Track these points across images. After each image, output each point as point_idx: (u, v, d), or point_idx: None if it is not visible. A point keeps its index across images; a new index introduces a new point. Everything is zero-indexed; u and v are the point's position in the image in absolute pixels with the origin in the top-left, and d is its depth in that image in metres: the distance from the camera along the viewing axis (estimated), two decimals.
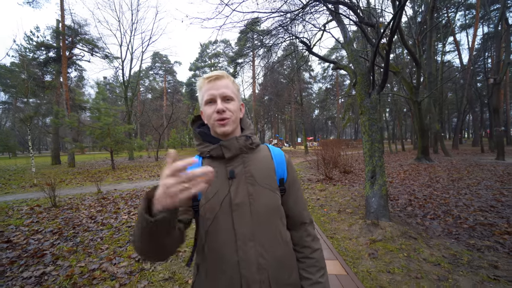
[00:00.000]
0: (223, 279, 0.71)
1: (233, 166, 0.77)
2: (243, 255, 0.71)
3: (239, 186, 0.75)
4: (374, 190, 3.80)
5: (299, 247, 0.84)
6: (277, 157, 0.84)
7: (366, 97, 4.43)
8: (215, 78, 0.76)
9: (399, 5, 3.58)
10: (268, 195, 0.77)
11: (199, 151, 0.83)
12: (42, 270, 2.57)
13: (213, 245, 0.73)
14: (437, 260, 2.60)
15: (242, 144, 0.78)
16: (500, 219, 3.72)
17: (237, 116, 0.80)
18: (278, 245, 0.76)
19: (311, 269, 0.81)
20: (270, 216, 0.76)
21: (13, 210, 5.06)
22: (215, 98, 0.76)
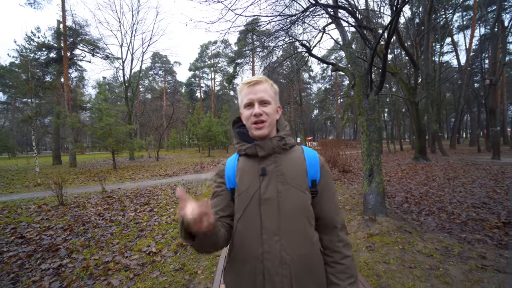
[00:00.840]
0: (247, 267, 0.76)
1: (266, 164, 0.82)
2: (268, 248, 0.75)
3: (269, 183, 0.79)
4: (372, 188, 3.98)
5: (329, 251, 0.84)
6: (310, 159, 0.87)
7: (364, 98, 4.59)
8: (254, 83, 0.82)
9: (395, 11, 3.75)
10: (297, 194, 0.80)
11: (237, 149, 0.90)
12: (59, 262, 2.73)
13: (241, 235, 0.79)
14: (430, 252, 2.78)
15: (275, 144, 0.83)
16: (491, 214, 3.91)
17: (273, 118, 0.85)
18: (303, 244, 0.78)
19: (340, 275, 0.81)
20: (297, 214, 0.79)
21: (21, 209, 5.20)
22: (253, 102, 0.81)
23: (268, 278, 0.73)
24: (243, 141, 0.88)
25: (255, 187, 0.80)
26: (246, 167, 0.85)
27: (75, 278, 2.42)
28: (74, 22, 17.89)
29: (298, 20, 5.80)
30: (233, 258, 0.82)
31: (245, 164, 0.86)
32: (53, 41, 18.31)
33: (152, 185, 7.92)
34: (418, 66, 11.37)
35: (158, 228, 3.83)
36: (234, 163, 0.88)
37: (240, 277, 0.78)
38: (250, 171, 0.83)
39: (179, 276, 2.45)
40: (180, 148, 43.09)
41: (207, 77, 47.53)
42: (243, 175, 0.84)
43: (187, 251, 2.99)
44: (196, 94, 49.02)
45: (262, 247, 0.75)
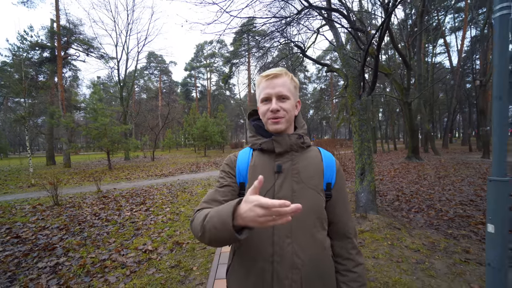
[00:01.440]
0: (255, 268, 0.72)
1: (281, 161, 0.79)
2: (279, 250, 0.71)
3: (284, 182, 0.76)
4: (363, 186, 4.09)
5: (341, 259, 0.82)
6: (327, 161, 0.84)
7: (356, 99, 4.70)
8: (272, 77, 0.77)
9: (386, 14, 3.87)
10: (312, 195, 0.77)
11: (250, 143, 0.86)
12: (56, 261, 2.77)
13: (251, 234, 0.73)
14: (417, 247, 2.89)
15: (294, 141, 0.79)
16: (477, 211, 4.06)
17: (291, 115, 0.81)
18: (315, 248, 0.75)
19: (352, 284, 0.78)
20: (310, 216, 0.75)
21: (16, 209, 5.19)
22: (270, 97, 0.77)
23: (276, 281, 0.70)
24: (259, 135, 0.84)
25: (269, 184, 0.76)
26: (260, 162, 0.81)
27: (72, 275, 2.46)
28: (68, 21, 17.73)
29: (292, 22, 5.89)
30: (240, 257, 0.78)
31: (259, 159, 0.82)
32: (47, 40, 18.11)
33: (147, 185, 7.94)
34: (411, 67, 11.58)
35: (154, 227, 3.88)
36: (247, 157, 0.84)
37: (247, 277, 0.74)
38: (264, 167, 0.79)
39: (175, 272, 2.52)
40: (176, 148, 42.92)
41: (203, 77, 47.42)
42: (256, 170, 0.79)
43: (182, 249, 3.06)
44: (192, 94, 48.86)
45: (273, 249, 0.71)
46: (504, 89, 1.42)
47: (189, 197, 5.98)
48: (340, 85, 39.64)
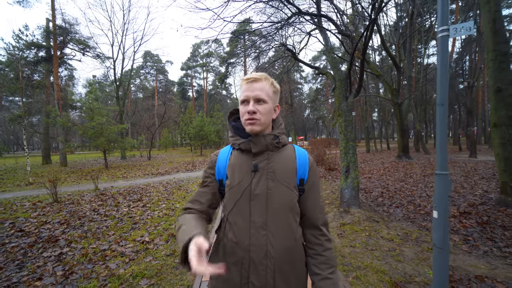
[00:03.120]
0: (235, 257, 0.80)
1: (258, 161, 0.85)
2: (255, 241, 0.79)
3: (260, 179, 0.83)
4: (348, 183, 4.37)
5: (311, 245, 0.89)
6: (301, 158, 0.90)
7: (343, 101, 4.98)
8: (252, 80, 0.83)
9: (370, 20, 4.14)
10: (286, 191, 0.83)
11: (231, 142, 0.93)
12: (59, 251, 2.99)
13: (232, 227, 0.82)
14: (391, 237, 3.18)
15: (269, 142, 0.85)
16: (453, 206, 4.37)
17: (267, 117, 0.85)
18: (287, 238, 0.82)
19: (322, 265, 0.86)
20: (284, 211, 0.82)
21: (16, 206, 5.37)
22: (248, 99, 0.83)
23: (253, 268, 0.78)
24: (238, 135, 0.91)
25: (247, 182, 0.83)
26: (238, 161, 0.87)
27: (76, 263, 2.70)
28: (64, 21, 17.74)
29: (284, 26, 6.15)
30: (221, 247, 0.85)
31: (238, 158, 0.88)
32: (42, 40, 18.10)
33: (144, 183, 8.15)
34: (401, 69, 11.93)
35: (150, 221, 4.12)
36: (227, 155, 0.92)
37: (227, 265, 0.81)
38: (242, 166, 0.86)
39: (170, 260, 2.77)
40: (172, 147, 42.94)
41: (199, 77, 47.48)
42: (235, 169, 0.86)
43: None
44: (188, 94, 48.90)
45: (250, 240, 0.79)
46: (444, 97, 1.70)
47: (185, 194, 6.22)
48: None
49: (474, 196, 4.92)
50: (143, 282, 2.32)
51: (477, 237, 3.11)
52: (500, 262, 2.52)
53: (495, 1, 4.52)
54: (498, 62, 4.42)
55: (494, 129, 4.41)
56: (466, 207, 4.21)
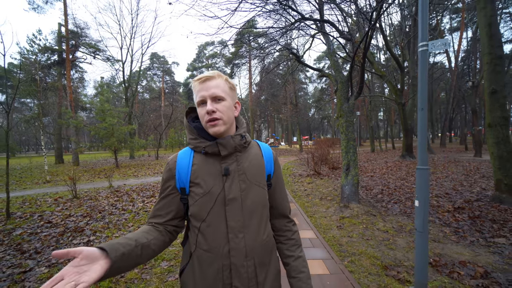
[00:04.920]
0: (214, 266, 0.77)
1: (228, 164, 0.81)
2: (234, 245, 0.77)
3: (232, 183, 0.79)
4: (348, 180, 4.65)
5: (282, 232, 0.94)
6: (266, 155, 0.90)
7: (345, 102, 5.24)
8: (205, 79, 0.78)
9: (369, 25, 4.39)
10: (258, 191, 0.83)
11: (193, 145, 0.84)
12: (87, 239, 3.37)
13: (207, 237, 0.78)
14: (386, 229, 3.45)
15: (238, 143, 0.82)
16: (449, 202, 4.60)
17: (229, 115, 0.81)
18: (263, 235, 0.83)
19: (293, 247, 0.92)
20: (258, 210, 0.82)
21: (40, 201, 5.81)
22: (205, 99, 0.77)
23: (234, 272, 0.76)
24: (202, 138, 0.83)
25: (219, 188, 0.78)
26: (205, 166, 0.81)
27: None
28: (76, 25, 18.39)
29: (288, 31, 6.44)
30: (197, 258, 0.79)
31: (203, 163, 0.82)
32: (55, 44, 18.80)
33: (154, 182, 8.54)
34: (404, 69, 12.06)
35: None
36: (188, 161, 0.83)
37: (205, 277, 0.78)
38: (210, 171, 0.80)
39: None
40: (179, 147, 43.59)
41: None
42: (203, 175, 0.80)
43: None
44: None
45: (229, 245, 0.77)
46: (424, 103, 1.98)
47: None
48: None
49: (471, 194, 5.12)
50: (164, 264, 2.66)
51: (466, 229, 3.36)
52: (483, 250, 2.77)
53: (491, 7, 4.72)
54: (494, 65, 4.62)
55: (489, 129, 4.62)
56: (461, 203, 4.44)
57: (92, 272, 0.55)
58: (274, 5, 5.29)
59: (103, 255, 0.59)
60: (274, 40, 6.81)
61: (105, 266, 0.58)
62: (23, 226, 3.96)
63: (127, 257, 0.64)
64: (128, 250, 0.65)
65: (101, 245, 0.61)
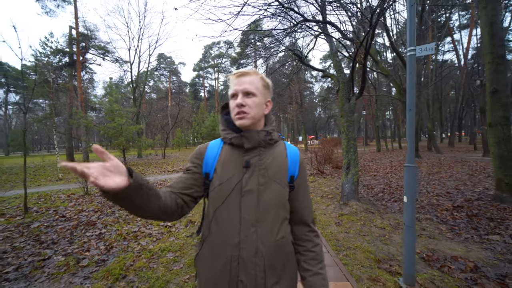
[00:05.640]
0: (223, 256, 0.78)
1: (250, 157, 0.83)
2: (245, 237, 0.77)
3: (251, 176, 0.81)
4: (348, 178, 4.75)
5: (301, 241, 0.89)
6: (292, 155, 0.90)
7: (346, 102, 5.34)
8: (240, 75, 0.83)
9: (370, 26, 4.48)
10: (277, 188, 0.82)
11: (222, 136, 0.90)
12: (99, 231, 3.60)
13: (220, 224, 0.80)
14: (383, 226, 3.56)
15: (262, 138, 0.84)
16: (449, 201, 4.65)
17: (257, 111, 0.84)
18: (277, 235, 0.80)
19: (311, 261, 0.86)
20: (275, 208, 0.81)
21: (53, 197, 6.12)
22: (237, 92, 0.82)
23: (242, 266, 0.76)
24: (230, 129, 0.89)
25: (237, 178, 0.81)
26: (229, 156, 0.86)
27: (114, 240, 3.28)
28: (86, 28, 18.93)
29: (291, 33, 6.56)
30: (209, 245, 0.83)
31: (228, 153, 0.87)
32: (66, 46, 19.39)
33: (162, 179, 8.81)
34: None
35: None
36: (217, 149, 0.89)
37: (215, 263, 0.80)
38: (233, 162, 0.84)
39: (190, 240, 3.29)
40: (185, 146, 44.15)
41: (210, 77, 48.53)
42: (225, 164, 0.84)
43: (195, 225, 3.84)
44: (200, 94, 50.10)
45: (239, 237, 0.77)
46: (412, 104, 2.10)
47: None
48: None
49: (473, 193, 5.14)
50: (169, 255, 2.85)
51: (463, 227, 3.43)
52: (476, 247, 2.86)
53: (492, 6, 4.74)
54: (495, 64, 4.64)
55: (490, 128, 4.65)
56: (461, 202, 4.48)
57: (111, 180, 0.58)
58: (276, 8, 5.42)
59: (127, 174, 0.63)
60: (278, 41, 6.94)
61: (123, 184, 0.60)
62: (40, 220, 4.23)
63: (140, 192, 0.66)
64: (145, 187, 0.67)
65: (129, 167, 0.65)
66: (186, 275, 2.42)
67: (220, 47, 43.68)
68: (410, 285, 2.14)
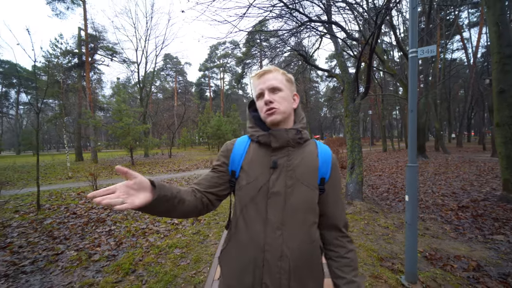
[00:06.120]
0: (248, 257, 0.76)
1: (277, 157, 0.80)
2: (270, 240, 0.75)
3: (279, 177, 0.78)
4: (352, 178, 4.78)
5: (333, 246, 0.85)
6: (323, 156, 0.85)
7: (350, 102, 5.36)
8: (262, 73, 0.82)
9: (375, 27, 4.49)
10: (305, 191, 0.79)
11: (249, 133, 0.88)
12: (109, 228, 3.73)
13: (246, 224, 0.78)
14: (387, 225, 3.58)
15: (291, 137, 0.81)
16: (454, 201, 4.63)
17: (286, 105, 0.82)
18: (304, 239, 0.78)
19: (345, 268, 0.81)
20: (302, 211, 0.78)
21: (64, 195, 6.31)
22: (263, 91, 0.80)
23: (267, 269, 0.74)
24: (258, 127, 0.87)
25: (264, 179, 0.79)
26: (256, 155, 0.83)
27: (123, 236, 3.40)
28: (94, 29, 19.31)
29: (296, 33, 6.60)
30: (235, 243, 0.82)
31: (256, 152, 0.84)
32: (75, 47, 19.82)
33: (168, 178, 8.96)
34: None
35: None
36: (244, 147, 0.87)
37: (240, 262, 0.78)
38: (260, 161, 0.82)
39: (196, 237, 3.38)
40: (191, 146, 44.54)
41: (216, 77, 48.79)
42: (252, 163, 0.82)
43: (200, 223, 3.93)
44: (205, 94, 50.41)
45: (265, 239, 0.75)
46: (414, 105, 2.14)
47: None
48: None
49: (479, 193, 5.10)
50: (177, 251, 2.95)
51: (467, 227, 3.43)
52: (480, 246, 2.87)
53: (500, 5, 4.70)
54: (502, 64, 4.60)
55: (497, 128, 4.62)
56: (467, 202, 4.46)
57: (137, 198, 0.63)
58: (281, 9, 5.47)
59: (151, 188, 0.67)
60: (283, 41, 6.98)
61: (148, 198, 0.65)
62: (52, 216, 4.39)
63: (165, 201, 0.70)
64: (169, 196, 0.71)
65: (153, 179, 0.69)
66: (193, 270, 2.51)
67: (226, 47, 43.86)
68: (412, 283, 2.18)
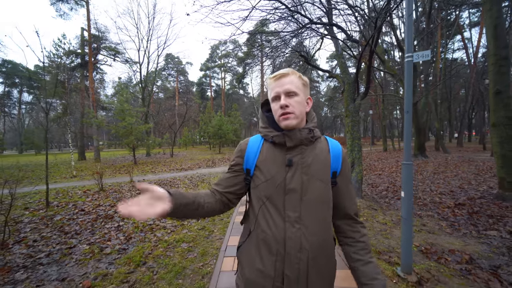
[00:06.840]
0: (270, 251, 0.81)
1: (292, 155, 0.84)
2: (290, 234, 0.79)
3: (294, 174, 0.82)
4: (352, 176, 4.91)
5: (349, 233, 0.90)
6: (334, 151, 0.89)
7: (351, 103, 5.48)
8: (280, 76, 0.84)
9: (375, 29, 4.61)
10: (320, 186, 0.83)
11: (263, 133, 0.90)
12: (117, 224, 3.88)
13: (266, 221, 0.83)
14: (385, 222, 3.71)
15: (304, 136, 0.84)
16: (451, 199, 4.76)
17: (301, 110, 0.85)
18: (321, 232, 0.82)
19: (361, 251, 0.87)
20: (318, 205, 0.83)
21: (71, 193, 6.47)
22: (279, 94, 0.83)
23: (287, 261, 0.79)
24: (272, 127, 0.90)
25: (281, 177, 0.83)
26: (271, 155, 0.87)
27: (131, 231, 3.54)
28: (97, 29, 19.47)
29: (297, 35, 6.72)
30: (254, 238, 0.86)
31: (270, 151, 0.87)
32: (78, 48, 19.99)
33: (171, 177, 9.11)
34: (416, 68, 11.97)
35: None
36: (258, 146, 0.90)
37: (262, 256, 0.82)
38: (275, 160, 0.85)
39: (202, 232, 3.53)
40: (192, 145, 44.72)
41: (217, 77, 48.90)
42: (267, 162, 0.86)
43: (205, 220, 4.08)
44: (207, 93, 50.56)
45: (285, 234, 0.79)
46: (409, 106, 2.27)
47: (208, 186, 7.03)
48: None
49: (476, 192, 5.23)
50: (184, 245, 3.09)
51: (462, 223, 3.56)
52: (473, 241, 3.00)
53: (497, 8, 4.81)
54: (498, 66, 4.72)
55: (493, 128, 4.74)
56: (463, 200, 4.59)
57: (157, 208, 0.70)
58: (283, 12, 5.60)
59: (169, 198, 0.73)
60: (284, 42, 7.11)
61: (167, 207, 0.71)
62: (61, 213, 4.54)
63: (184, 208, 0.78)
64: (186, 203, 0.78)
65: (170, 190, 0.76)
66: (200, 262, 2.65)
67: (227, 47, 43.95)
68: (407, 274, 2.32)
